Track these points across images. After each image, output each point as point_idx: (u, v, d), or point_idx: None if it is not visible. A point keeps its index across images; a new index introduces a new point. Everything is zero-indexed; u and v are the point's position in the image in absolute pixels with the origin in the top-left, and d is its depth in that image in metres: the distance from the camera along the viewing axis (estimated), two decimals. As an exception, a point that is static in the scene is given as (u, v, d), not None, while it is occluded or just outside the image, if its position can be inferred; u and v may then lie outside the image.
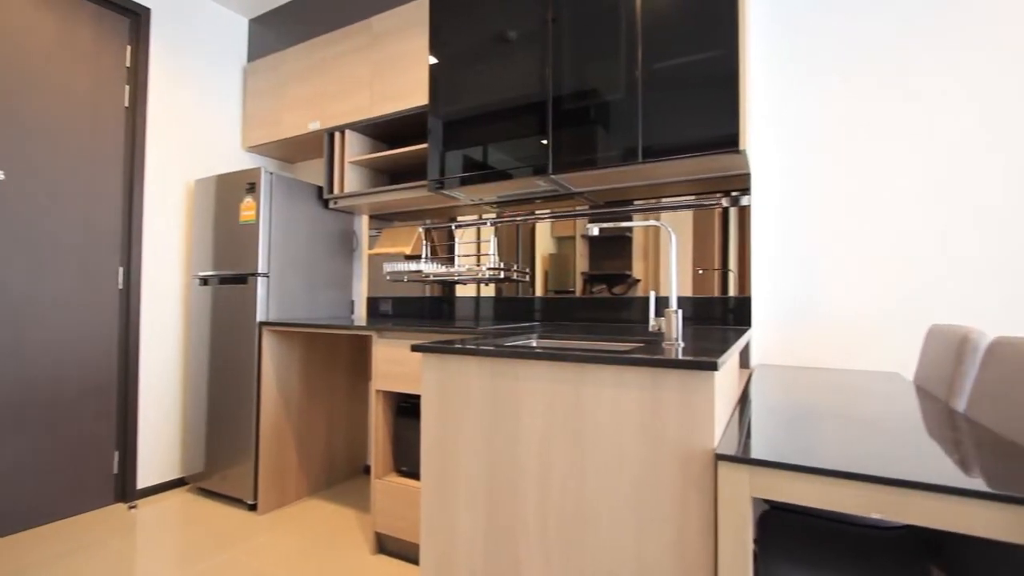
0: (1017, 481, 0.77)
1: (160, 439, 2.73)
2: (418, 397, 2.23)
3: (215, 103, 3.04)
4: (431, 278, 2.69)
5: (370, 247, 3.05)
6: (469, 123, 2.18)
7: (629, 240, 2.30)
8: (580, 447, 1.10)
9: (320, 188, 2.85)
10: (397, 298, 2.91)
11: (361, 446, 3.03)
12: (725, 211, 2.09)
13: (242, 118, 3.18)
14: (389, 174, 2.94)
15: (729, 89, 1.61)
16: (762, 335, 2.07)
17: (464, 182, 2.19)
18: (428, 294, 2.81)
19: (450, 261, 2.72)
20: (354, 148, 2.71)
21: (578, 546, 1.10)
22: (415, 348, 1.29)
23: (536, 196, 2.37)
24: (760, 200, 2.10)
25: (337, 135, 2.73)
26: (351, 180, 2.70)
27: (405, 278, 2.84)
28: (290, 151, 3.19)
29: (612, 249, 2.34)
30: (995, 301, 1.72)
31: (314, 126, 2.79)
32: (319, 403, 2.76)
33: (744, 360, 1.98)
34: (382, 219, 3.03)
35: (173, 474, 2.78)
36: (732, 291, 2.07)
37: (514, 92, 2.07)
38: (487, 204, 2.58)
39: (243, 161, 3.20)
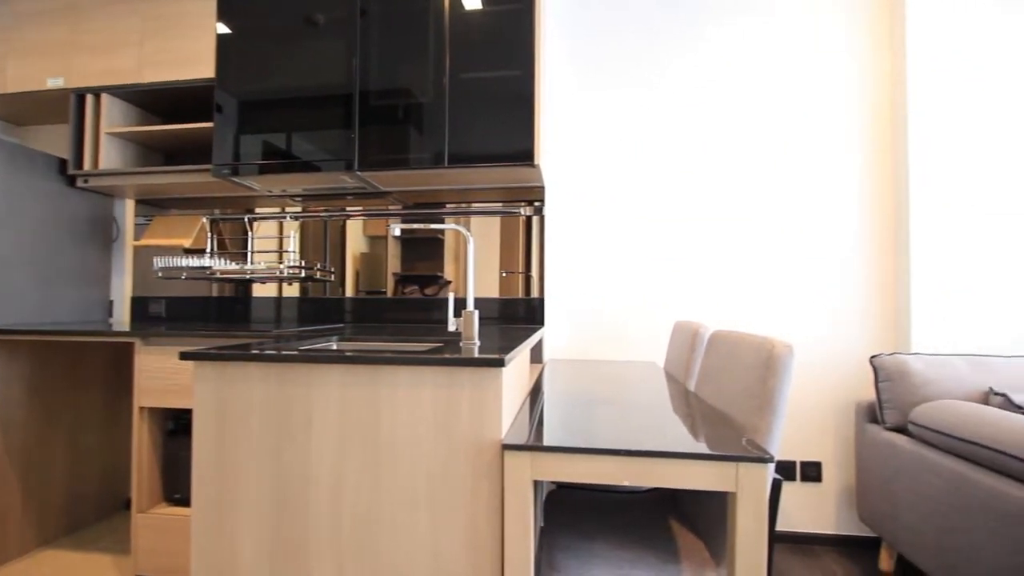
0: (722, 443, 0.99)
1: None
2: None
3: None
4: (218, 276, 2.37)
5: (136, 238, 2.55)
6: (268, 106, 1.98)
7: (441, 242, 2.34)
8: (376, 450, 1.08)
9: (64, 161, 2.29)
10: (173, 298, 2.49)
11: (123, 476, 2.51)
12: (528, 219, 2.27)
13: (-63, 58, 2.38)
14: (164, 153, 2.51)
15: (526, 107, 1.76)
16: (555, 332, 2.30)
17: (263, 170, 1.98)
18: (216, 294, 2.47)
19: (243, 257, 2.43)
20: (115, 117, 2.24)
21: (373, 550, 1.07)
22: (184, 356, 1.11)
23: (347, 192, 2.27)
24: (553, 211, 2.34)
25: (90, 98, 2.23)
26: (110, 155, 2.23)
27: (184, 275, 2.45)
28: (18, 110, 2.50)
29: (424, 251, 2.36)
30: (731, 300, 2.20)
31: (55, 83, 2.23)
32: (59, 429, 2.21)
33: (538, 355, 2.18)
34: (153, 205, 2.56)
35: None
36: (534, 293, 2.26)
37: (320, 80, 1.94)
38: (290, 197, 2.38)
39: (-62, 115, 2.40)
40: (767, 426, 1.08)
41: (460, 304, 2.30)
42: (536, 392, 1.47)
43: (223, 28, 2.02)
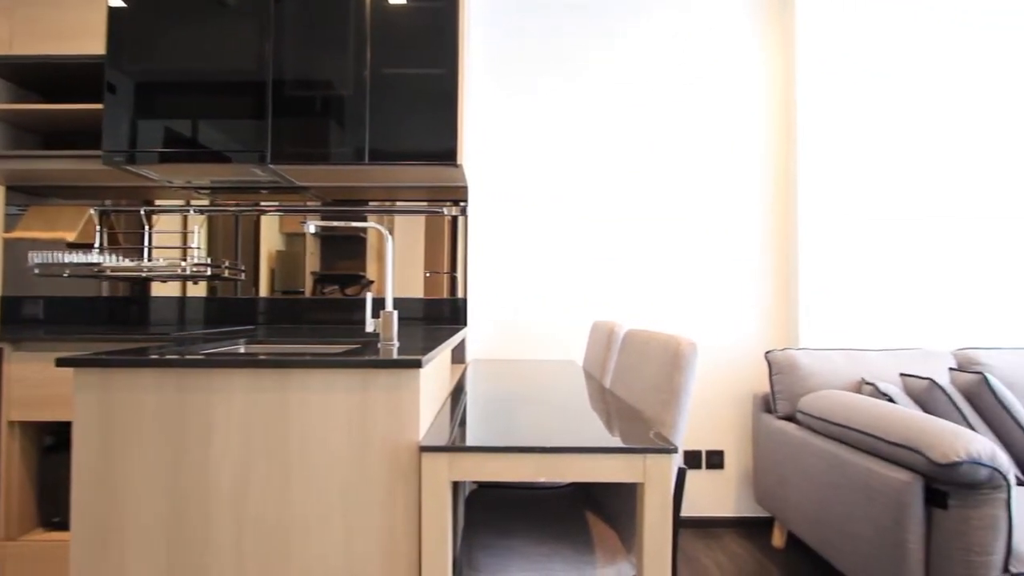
0: (631, 437, 1.04)
1: None
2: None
3: None
4: (109, 273, 2.15)
5: (7, 229, 2.25)
6: (170, 89, 1.83)
7: (363, 241, 2.28)
8: (285, 459, 1.03)
9: (-88, 139, 1.98)
10: (53, 299, 2.23)
11: (-12, 500, 2.21)
12: (454, 219, 2.26)
13: None
14: (42, 135, 2.23)
15: (449, 106, 1.75)
16: (478, 332, 2.31)
17: (163, 159, 1.82)
18: (107, 294, 2.24)
19: (140, 253, 2.22)
20: (-21, 92, 1.97)
21: (282, 563, 1.02)
22: (61, 362, 1.00)
23: (260, 186, 2.14)
24: (476, 211, 2.34)
25: (-53, 69, 1.94)
26: (-27, 135, 1.95)
27: (66, 272, 2.19)
28: None
29: (345, 250, 2.28)
30: (646, 299, 2.31)
31: (-100, 48, 1.92)
32: (-97, 450, 1.90)
33: (460, 356, 2.18)
34: (29, 193, 2.28)
35: None
36: (459, 293, 2.25)
37: (229, 64, 1.82)
38: (195, 189, 2.21)
39: None
40: (673, 419, 1.15)
41: (380, 304, 2.25)
42: (458, 392, 1.47)
43: (115, 0, 1.83)
